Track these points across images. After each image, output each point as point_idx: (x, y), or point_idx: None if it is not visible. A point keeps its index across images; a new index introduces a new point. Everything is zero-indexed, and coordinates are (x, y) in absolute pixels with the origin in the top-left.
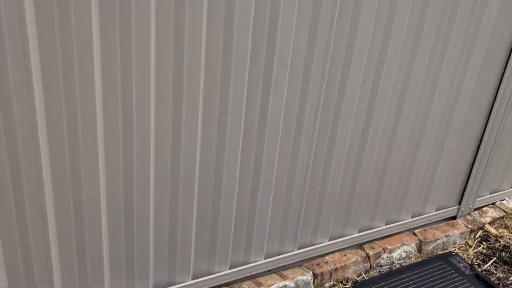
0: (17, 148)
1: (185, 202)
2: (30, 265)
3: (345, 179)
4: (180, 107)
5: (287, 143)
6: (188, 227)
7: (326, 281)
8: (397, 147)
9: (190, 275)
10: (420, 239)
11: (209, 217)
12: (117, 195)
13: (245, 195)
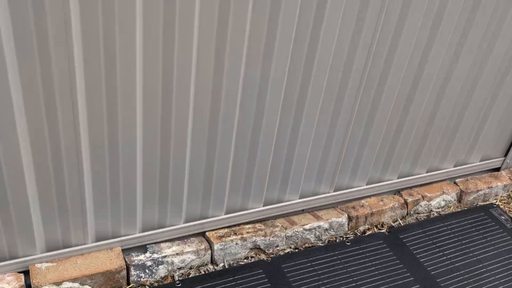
0: (52, 75)
1: (224, 137)
2: (63, 191)
3: (390, 124)
4: (225, 40)
5: (334, 82)
6: (225, 162)
7: (360, 225)
8: (448, 95)
9: (224, 210)
10: (461, 188)
11: (247, 154)
12: (154, 128)
13: (285, 133)
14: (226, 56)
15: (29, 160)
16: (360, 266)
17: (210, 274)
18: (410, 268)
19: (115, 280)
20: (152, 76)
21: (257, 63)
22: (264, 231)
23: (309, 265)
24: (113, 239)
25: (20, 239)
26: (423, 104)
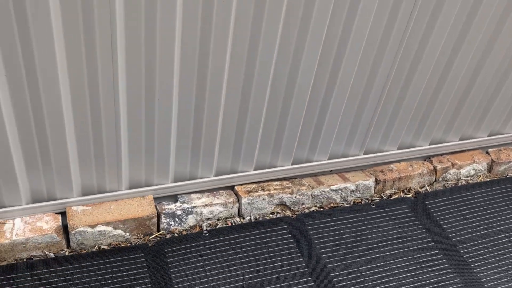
0: (93, 23)
1: (257, 94)
2: (100, 140)
3: (426, 90)
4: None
5: (373, 42)
6: (257, 120)
7: (387, 188)
8: (489, 63)
9: (253, 166)
10: (493, 158)
11: (279, 112)
12: (190, 79)
13: (319, 94)
14: (265, 14)
15: (69, 109)
16: (383, 228)
17: (236, 226)
18: (432, 234)
19: (146, 227)
20: (190, 25)
21: (295, 23)
22: (291, 188)
23: (332, 224)
24: (146, 187)
25: (58, 183)
26: (462, 72)
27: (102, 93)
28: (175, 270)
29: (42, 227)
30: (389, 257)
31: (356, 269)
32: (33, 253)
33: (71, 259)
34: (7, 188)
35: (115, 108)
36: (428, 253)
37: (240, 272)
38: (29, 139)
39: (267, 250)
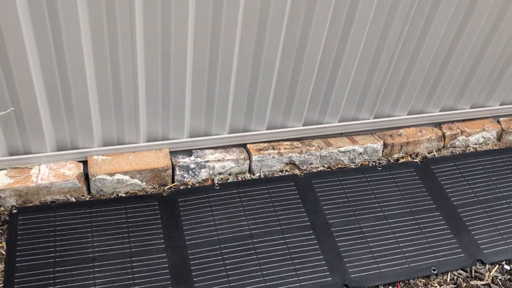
0: None
1: (269, 55)
2: (120, 94)
3: (437, 55)
4: None
5: (385, 4)
6: (269, 80)
7: (395, 152)
8: (502, 30)
9: (265, 125)
10: (503, 127)
11: (290, 73)
12: (204, 39)
13: (330, 56)
14: None
15: (91, 63)
16: (386, 189)
17: (246, 181)
18: (434, 197)
19: (161, 177)
20: None
21: None
22: (300, 148)
23: (338, 183)
24: (162, 141)
25: (80, 133)
26: (474, 37)
27: (121, 48)
28: (186, 218)
29: (65, 173)
30: (390, 216)
31: (356, 225)
32: (56, 197)
33: (91, 204)
34: (34, 136)
35: (133, 63)
36: (428, 215)
37: (246, 222)
38: (54, 91)
39: (273, 204)
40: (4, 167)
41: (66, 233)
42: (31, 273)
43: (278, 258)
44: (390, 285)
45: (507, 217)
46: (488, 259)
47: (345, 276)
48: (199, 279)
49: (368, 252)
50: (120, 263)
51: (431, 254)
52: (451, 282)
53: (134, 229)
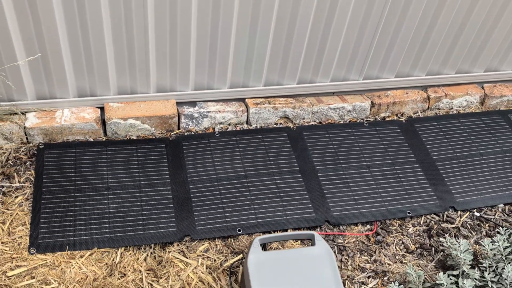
0: None
1: (264, 17)
2: (132, 48)
3: (423, 19)
4: None
5: None
6: (265, 40)
7: (382, 111)
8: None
9: (262, 82)
10: (486, 92)
11: (284, 35)
12: (206, 5)
13: (321, 18)
14: None
15: (108, 24)
16: (371, 143)
17: (244, 131)
18: (415, 151)
19: (168, 124)
20: None
21: None
22: (294, 104)
23: (326, 135)
24: (170, 92)
25: (98, 82)
26: (457, 4)
27: (134, 9)
28: (189, 159)
29: (84, 116)
30: (372, 166)
31: (341, 172)
32: (76, 137)
33: (106, 143)
34: (58, 83)
35: (144, 22)
36: (408, 166)
37: (242, 165)
38: (76, 45)
39: (267, 150)
40: (33, 109)
41: (84, 166)
42: (55, 196)
43: (269, 196)
44: (368, 224)
45: (482, 171)
46: (460, 206)
47: (327, 213)
48: (199, 209)
49: (350, 195)
50: (130, 193)
51: (408, 199)
52: (424, 224)
53: (143, 166)
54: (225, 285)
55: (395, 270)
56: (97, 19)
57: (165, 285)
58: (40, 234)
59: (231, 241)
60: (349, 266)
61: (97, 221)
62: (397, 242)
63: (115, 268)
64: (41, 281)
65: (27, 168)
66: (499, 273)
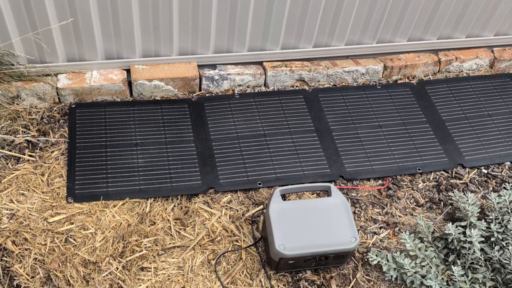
0: None
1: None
2: (157, 13)
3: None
4: None
5: None
6: (282, 5)
7: (394, 74)
8: None
9: (279, 46)
10: (496, 56)
11: (301, 1)
12: None
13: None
14: None
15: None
16: (383, 104)
17: (261, 93)
18: (426, 112)
19: (190, 86)
20: None
21: None
22: (309, 67)
23: (340, 97)
24: (192, 55)
25: (125, 45)
26: None
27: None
28: (211, 118)
29: (112, 78)
30: (384, 126)
31: (354, 131)
32: (105, 97)
33: (133, 103)
34: (88, 47)
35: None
36: (419, 126)
37: (261, 124)
38: (105, 10)
39: (284, 111)
40: (64, 70)
41: (114, 124)
42: (88, 151)
43: (286, 153)
44: (379, 179)
45: (490, 131)
46: (468, 163)
47: (341, 169)
48: (221, 165)
49: (363, 153)
50: (157, 149)
51: (418, 157)
52: (433, 180)
53: (168, 124)
54: (247, 232)
55: (405, 222)
56: None
57: (192, 233)
58: (76, 185)
59: (252, 193)
60: (362, 218)
61: (127, 174)
62: (407, 196)
63: (145, 217)
64: (79, 226)
65: (60, 126)
66: (504, 224)
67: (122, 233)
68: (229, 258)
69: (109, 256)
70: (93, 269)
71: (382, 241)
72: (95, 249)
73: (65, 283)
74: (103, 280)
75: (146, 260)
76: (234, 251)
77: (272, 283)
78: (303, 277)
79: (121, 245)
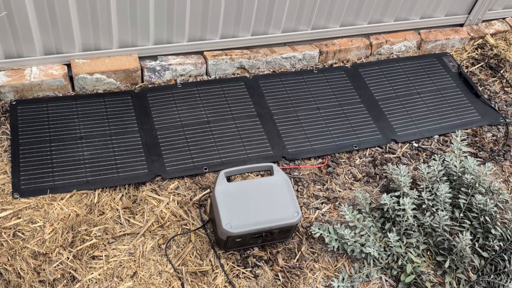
0: None
1: None
2: (95, 5)
3: None
4: None
5: None
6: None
7: (329, 59)
8: None
9: (218, 35)
10: (422, 38)
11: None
12: None
13: None
14: None
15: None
16: (320, 88)
17: (203, 82)
18: (360, 93)
19: (132, 77)
20: None
21: None
22: (249, 55)
23: (280, 83)
24: (132, 47)
25: (64, 40)
26: None
27: None
28: (154, 108)
29: (53, 73)
30: (322, 108)
31: (294, 114)
32: (46, 93)
33: (75, 98)
34: (25, 42)
35: None
36: (354, 106)
37: (204, 112)
38: (41, 4)
39: (226, 98)
40: (2, 67)
41: (57, 119)
42: (32, 147)
43: (230, 138)
44: (319, 158)
45: (419, 108)
46: (400, 139)
47: (283, 150)
48: (167, 153)
49: (303, 134)
50: (102, 141)
51: (354, 135)
52: (369, 156)
53: (112, 117)
54: (196, 216)
55: (345, 196)
56: None
57: (141, 220)
58: (22, 181)
59: (198, 178)
60: (304, 195)
61: (74, 166)
62: (346, 172)
63: (94, 207)
64: (27, 220)
65: (2, 123)
66: (434, 192)
67: (71, 224)
68: (179, 241)
69: (59, 246)
70: (44, 260)
71: (324, 215)
72: (44, 241)
73: (15, 276)
74: (54, 271)
75: (97, 249)
76: (184, 233)
77: (221, 262)
78: (251, 254)
79: (70, 236)
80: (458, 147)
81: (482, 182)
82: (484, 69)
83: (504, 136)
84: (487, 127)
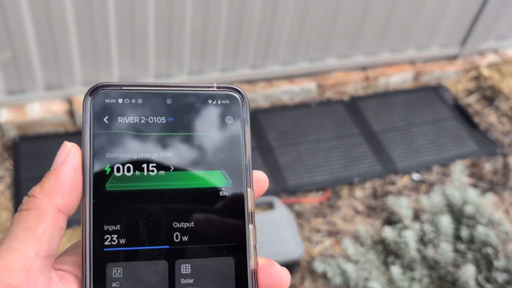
0: None
1: (216, 7)
2: (95, 41)
3: (357, 5)
4: None
5: None
6: (217, 30)
7: (327, 91)
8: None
9: (218, 70)
10: (418, 70)
11: (235, 24)
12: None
13: (267, 11)
14: None
15: (72, 14)
16: (318, 120)
17: None
18: (358, 125)
19: None
20: None
21: None
22: (247, 89)
23: (279, 116)
24: None
25: (65, 77)
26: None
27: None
28: None
29: (54, 109)
30: (322, 141)
31: (294, 148)
32: (48, 129)
33: (77, 134)
34: (28, 80)
35: (105, 15)
36: (353, 139)
37: None
38: (45, 41)
39: None
40: (5, 105)
41: None
42: (35, 183)
43: None
44: (320, 190)
45: (417, 139)
46: (400, 170)
47: (284, 184)
48: None
49: (303, 167)
50: None
51: (355, 167)
52: (369, 187)
53: None
54: None
55: (346, 229)
56: (62, 16)
57: None
58: None
59: None
60: (306, 228)
61: None
62: (347, 205)
63: None
64: None
65: (5, 159)
66: (435, 224)
67: None
68: None
69: None
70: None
71: (326, 249)
72: None
73: None
74: None
75: None
76: None
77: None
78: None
79: None
80: (458, 178)
81: (483, 213)
82: (479, 100)
83: (502, 166)
84: (485, 157)
